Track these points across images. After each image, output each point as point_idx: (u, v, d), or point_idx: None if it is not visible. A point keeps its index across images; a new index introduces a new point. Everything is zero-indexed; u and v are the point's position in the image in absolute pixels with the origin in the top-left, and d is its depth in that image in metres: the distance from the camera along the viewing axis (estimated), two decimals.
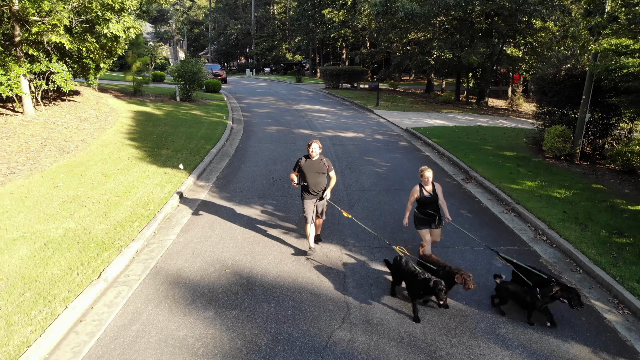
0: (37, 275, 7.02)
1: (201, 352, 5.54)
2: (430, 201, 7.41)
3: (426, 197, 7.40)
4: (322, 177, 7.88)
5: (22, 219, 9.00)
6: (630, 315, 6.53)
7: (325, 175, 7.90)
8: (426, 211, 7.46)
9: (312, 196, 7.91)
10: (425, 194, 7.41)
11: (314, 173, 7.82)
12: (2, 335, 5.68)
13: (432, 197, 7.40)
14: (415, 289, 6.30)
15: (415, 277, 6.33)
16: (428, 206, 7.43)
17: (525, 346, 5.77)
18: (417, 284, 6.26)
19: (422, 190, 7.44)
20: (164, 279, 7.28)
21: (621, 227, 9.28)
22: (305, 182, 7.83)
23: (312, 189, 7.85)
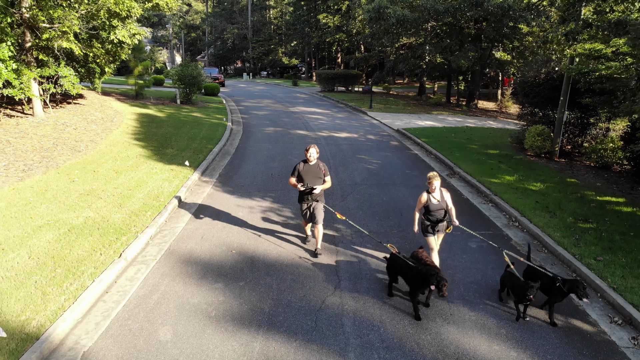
0: (65, 256, 7.96)
1: (214, 315, 6.50)
2: (438, 208, 7.34)
3: (434, 204, 7.33)
4: (319, 181, 8.17)
5: (45, 209, 9.94)
6: (590, 290, 7.52)
7: (321, 179, 8.20)
8: (434, 218, 7.40)
9: (308, 199, 8.21)
10: (434, 201, 7.33)
11: (311, 177, 8.13)
12: (40, 302, 6.61)
13: (439, 203, 7.34)
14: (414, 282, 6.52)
15: (411, 270, 6.60)
16: (435, 212, 7.37)
17: (490, 308, 6.76)
18: (414, 276, 6.51)
19: (429, 197, 7.36)
20: (177, 258, 8.23)
21: (587, 215, 10.31)
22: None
23: (309, 194, 8.14)
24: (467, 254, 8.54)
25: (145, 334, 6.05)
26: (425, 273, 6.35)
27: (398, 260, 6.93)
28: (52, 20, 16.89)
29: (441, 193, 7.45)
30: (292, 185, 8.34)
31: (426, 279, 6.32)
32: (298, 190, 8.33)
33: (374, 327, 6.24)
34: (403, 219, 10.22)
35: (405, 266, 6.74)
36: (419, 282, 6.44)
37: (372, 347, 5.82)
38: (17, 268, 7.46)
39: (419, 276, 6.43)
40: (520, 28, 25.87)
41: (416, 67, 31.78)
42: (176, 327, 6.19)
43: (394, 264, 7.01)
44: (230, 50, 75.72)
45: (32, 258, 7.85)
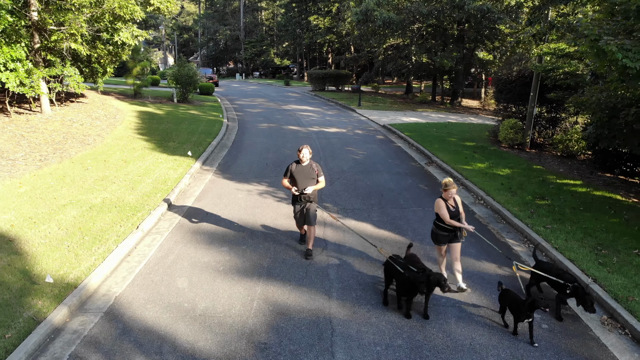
0: (90, 227, 9.26)
1: (221, 269, 7.84)
2: (453, 216, 7.06)
3: (451, 211, 7.08)
4: (313, 182, 8.05)
5: (66, 192, 11.22)
6: (541, 253, 8.94)
7: (315, 180, 8.08)
8: (446, 227, 7.12)
9: (302, 202, 8.14)
10: (451, 208, 7.10)
11: (304, 178, 8.01)
12: (74, 261, 7.90)
13: (455, 211, 7.10)
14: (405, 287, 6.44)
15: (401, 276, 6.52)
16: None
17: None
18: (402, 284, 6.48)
19: (447, 204, 7.10)
20: (187, 230, 9.56)
21: (544, 194, 11.76)
22: (297, 188, 8.07)
23: (300, 195, 8.06)
24: None
25: (166, 283, 7.38)
26: (413, 281, 6.26)
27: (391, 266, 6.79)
28: (60, 23, 18.13)
29: (455, 200, 7.21)
30: (285, 187, 8.21)
31: (414, 287, 6.25)
32: (291, 194, 8.26)
33: (354, 275, 7.62)
34: (383, 198, 11.61)
35: (395, 272, 6.67)
36: (407, 290, 6.41)
37: (350, 288, 7.20)
38: (50, 236, 8.76)
39: (407, 284, 6.36)
40: (500, 29, 27.40)
41: (403, 67, 33.25)
42: (191, 278, 7.53)
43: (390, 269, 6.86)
44: (222, 51, 76.89)
45: (61, 229, 9.14)
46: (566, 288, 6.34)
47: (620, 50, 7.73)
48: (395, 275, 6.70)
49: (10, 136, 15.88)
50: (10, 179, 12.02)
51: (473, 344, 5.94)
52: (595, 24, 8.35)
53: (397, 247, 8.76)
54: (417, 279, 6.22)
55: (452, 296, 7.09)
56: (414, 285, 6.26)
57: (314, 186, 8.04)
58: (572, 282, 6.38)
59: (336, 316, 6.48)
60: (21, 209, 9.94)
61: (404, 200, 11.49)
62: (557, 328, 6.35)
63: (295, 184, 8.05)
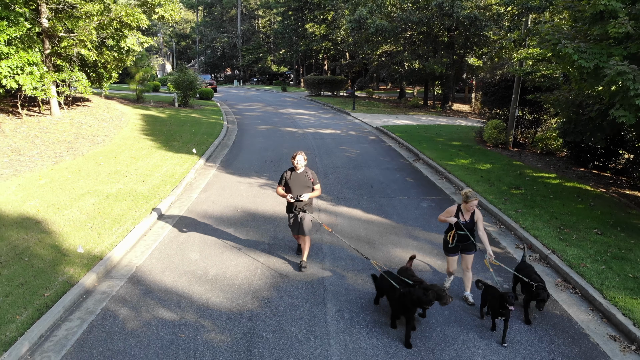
0: (108, 212, 10.32)
1: (228, 245, 8.91)
2: (464, 229, 6.85)
3: (461, 223, 6.84)
4: (308, 190, 7.82)
5: (83, 183, 12.29)
6: (505, 230, 10.06)
7: (310, 188, 7.85)
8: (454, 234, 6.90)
9: (296, 210, 7.91)
10: (461, 219, 6.85)
11: (299, 186, 7.78)
12: (97, 239, 8.95)
13: (466, 224, 6.83)
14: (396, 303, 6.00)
15: (394, 292, 6.10)
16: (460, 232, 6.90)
17: (434, 235, 9.26)
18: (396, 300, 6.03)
19: (459, 213, 6.89)
20: (195, 215, 10.64)
21: (519, 185, 12.90)
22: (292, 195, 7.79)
23: (295, 203, 7.84)
24: (419, 210, 11.06)
25: (180, 256, 8.45)
26: (411, 296, 5.78)
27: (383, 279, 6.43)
28: (69, 30, 19.24)
29: (473, 214, 6.88)
30: (279, 195, 7.96)
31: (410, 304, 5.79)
32: (286, 203, 8.02)
33: (343, 249, 8.71)
34: (373, 189, 12.73)
35: (389, 286, 6.24)
36: (400, 307, 5.94)
37: (340, 259, 8.30)
38: (73, 219, 9.82)
39: (400, 299, 5.91)
40: (487, 36, 28.69)
41: (395, 73, 34.49)
42: (202, 252, 8.60)
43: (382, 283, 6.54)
44: (220, 58, 78.14)
45: (82, 214, 10.20)
46: (531, 287, 6.38)
47: (576, 52, 8.90)
48: (388, 292, 6.21)
49: (24, 136, 16.93)
50: (29, 172, 13.08)
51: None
52: (555, 30, 9.52)
53: (383, 228, 9.86)
54: (415, 293, 5.68)
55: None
56: (414, 302, 5.69)
57: (309, 194, 7.78)
58: (538, 282, 6.44)
59: (328, 279, 7.58)
60: (44, 197, 11.00)
61: (391, 191, 12.61)
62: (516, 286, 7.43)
63: (290, 192, 7.78)
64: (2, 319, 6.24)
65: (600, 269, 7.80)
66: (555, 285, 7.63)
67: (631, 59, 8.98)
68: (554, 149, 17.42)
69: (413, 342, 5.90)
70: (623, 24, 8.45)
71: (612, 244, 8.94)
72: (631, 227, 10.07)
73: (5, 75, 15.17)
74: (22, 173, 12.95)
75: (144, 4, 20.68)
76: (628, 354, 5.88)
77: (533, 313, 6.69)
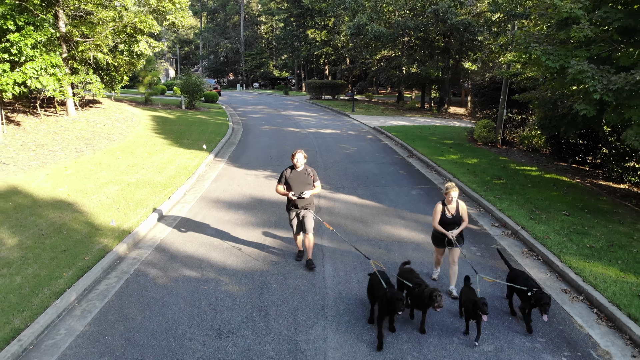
0: (131, 197, 11.57)
1: (239, 223, 10.16)
2: (451, 222, 7.04)
3: (447, 217, 7.04)
4: (309, 187, 7.82)
5: (105, 174, 13.56)
6: (484, 212, 11.30)
7: (310, 185, 7.86)
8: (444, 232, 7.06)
9: (297, 207, 7.92)
10: (447, 214, 7.04)
11: (299, 184, 7.79)
12: (124, 218, 10.19)
13: (453, 218, 7.04)
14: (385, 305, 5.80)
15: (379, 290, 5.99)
16: (447, 226, 7.05)
17: (419, 217, 10.51)
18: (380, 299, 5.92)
19: (444, 209, 7.07)
20: (209, 200, 11.90)
21: (501, 176, 14.15)
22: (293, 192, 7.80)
23: (297, 201, 7.84)
24: (408, 197, 12.32)
25: (198, 232, 9.70)
26: (390, 298, 5.70)
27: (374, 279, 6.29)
28: (85, 35, 20.58)
29: (457, 206, 7.11)
30: (280, 193, 7.98)
31: (391, 305, 5.68)
32: (286, 200, 8.07)
33: (340, 226, 9.96)
34: (368, 180, 13.98)
35: (377, 286, 6.14)
36: (384, 306, 5.78)
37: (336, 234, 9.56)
38: (101, 203, 11.08)
39: (384, 300, 5.77)
40: (482, 41, 30.02)
41: (394, 77, 35.81)
42: (217, 229, 9.85)
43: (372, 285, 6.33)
44: (223, 63, 79.65)
45: (108, 198, 11.47)
46: (528, 293, 6.16)
47: (544, 54, 10.18)
48: (376, 291, 6.14)
49: (45, 133, 18.23)
50: (55, 164, 14.37)
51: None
52: (526, 35, 10.81)
53: (376, 211, 11.12)
54: (396, 296, 5.66)
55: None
56: (392, 303, 5.66)
57: (310, 191, 7.81)
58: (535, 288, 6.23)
59: (326, 247, 8.84)
60: (72, 185, 12.28)
61: (385, 181, 13.87)
62: (486, 254, 8.67)
63: (291, 190, 7.79)
64: (51, 275, 7.49)
65: (561, 240, 9.05)
66: (522, 253, 8.88)
67: (593, 60, 10.27)
68: (538, 146, 18.67)
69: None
70: (583, 28, 9.72)
71: (577, 223, 10.19)
72: (598, 210, 11.31)
73: (30, 77, 16.44)
74: (48, 165, 14.24)
75: (155, 11, 22.03)
76: (575, 303, 7.11)
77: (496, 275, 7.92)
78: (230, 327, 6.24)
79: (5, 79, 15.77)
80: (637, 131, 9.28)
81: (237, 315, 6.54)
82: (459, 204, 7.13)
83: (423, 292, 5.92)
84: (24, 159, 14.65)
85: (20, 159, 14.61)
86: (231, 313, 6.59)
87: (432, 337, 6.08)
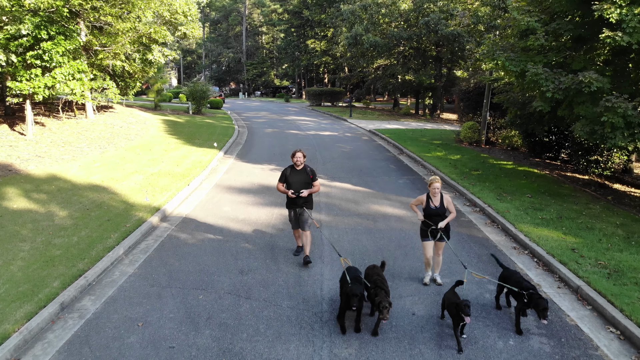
0: (156, 184, 13.41)
1: (251, 203, 12.01)
2: (435, 214, 7.17)
3: (432, 209, 7.17)
4: (308, 186, 8.10)
5: (129, 166, 15.42)
6: (459, 195, 13.15)
7: (309, 185, 8.12)
8: (430, 223, 7.21)
9: (296, 205, 8.23)
10: (432, 205, 7.17)
11: (299, 183, 8.06)
12: (152, 198, 12.02)
13: (437, 209, 7.17)
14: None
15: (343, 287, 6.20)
16: (432, 218, 7.18)
17: (404, 200, 12.35)
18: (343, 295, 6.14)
19: (429, 201, 7.19)
20: (223, 187, 13.74)
21: (479, 168, 16.01)
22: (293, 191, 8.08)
23: (295, 199, 8.14)
24: (395, 185, 14.17)
25: (216, 209, 11.54)
26: (346, 293, 5.98)
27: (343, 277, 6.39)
28: (103, 45, 22.53)
29: (442, 198, 7.26)
30: (280, 191, 8.32)
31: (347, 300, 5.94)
32: (286, 198, 8.34)
33: (336, 206, 11.80)
34: (361, 172, 15.85)
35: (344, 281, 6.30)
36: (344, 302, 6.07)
37: (333, 209, 11.40)
38: (130, 187, 12.93)
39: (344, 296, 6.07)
40: (471, 50, 32.03)
41: (389, 84, 37.84)
42: (231, 207, 11.70)
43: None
44: (225, 72, 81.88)
45: (136, 184, 13.32)
46: (523, 296, 6.09)
47: (507, 60, 12.09)
48: (343, 286, 6.29)
49: (69, 133, 20.13)
50: (84, 158, 16.24)
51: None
52: (493, 44, 12.73)
53: (366, 194, 12.97)
54: (352, 291, 5.87)
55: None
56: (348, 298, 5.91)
57: (309, 189, 8.12)
58: (529, 289, 6.14)
59: (324, 219, 10.69)
60: (103, 174, 14.14)
61: (376, 173, 15.73)
62: (456, 224, 10.50)
63: (291, 188, 8.09)
64: (101, 236, 9.31)
65: (519, 214, 10.90)
66: (485, 224, 10.72)
67: (551, 65, 12.17)
68: (517, 145, 20.56)
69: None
70: (539, 38, 11.64)
71: (536, 202, 12.03)
72: (558, 194, 13.15)
73: (59, 81, 18.34)
74: (78, 158, 16.12)
75: (168, 23, 24.02)
76: (521, 255, 8.93)
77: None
78: (249, 268, 8.08)
79: (37, 83, 17.66)
80: (584, 123, 11.15)
81: (254, 261, 8.39)
82: (442, 196, 7.29)
83: (376, 296, 5.97)
84: (56, 153, 16.53)
85: (52, 153, 16.49)
86: (249, 260, 8.44)
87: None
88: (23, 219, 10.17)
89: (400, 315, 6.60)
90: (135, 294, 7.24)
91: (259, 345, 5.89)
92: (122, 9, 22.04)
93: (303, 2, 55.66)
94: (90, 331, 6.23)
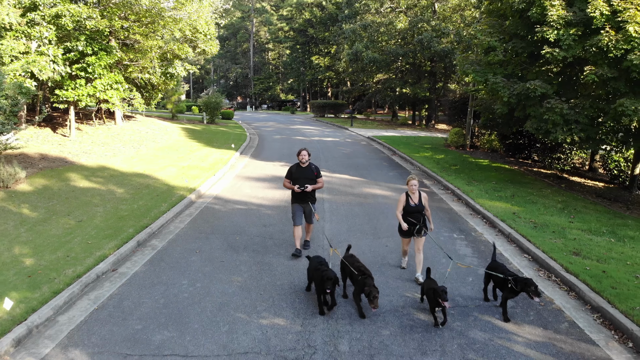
0: (188, 174, 16.30)
1: (266, 187, 14.87)
2: (414, 210, 7.56)
3: (411, 206, 7.57)
4: (312, 182, 8.64)
5: (163, 161, 18.36)
6: (437, 182, 15.98)
7: (313, 181, 8.65)
8: (409, 220, 7.59)
9: (301, 201, 8.75)
10: (411, 203, 7.59)
11: (304, 179, 8.61)
12: (190, 183, 14.90)
13: (416, 206, 7.57)
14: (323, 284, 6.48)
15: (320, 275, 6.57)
16: (411, 215, 7.57)
17: (393, 185, 15.19)
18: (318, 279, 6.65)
19: (408, 199, 7.62)
20: (242, 177, 16.63)
21: (457, 164, 18.86)
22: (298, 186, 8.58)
23: (300, 194, 8.69)
24: (386, 176, 17.03)
25: (239, 191, 14.40)
26: (321, 277, 6.49)
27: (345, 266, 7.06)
28: (131, 60, 25.63)
29: (419, 196, 7.68)
30: (286, 187, 8.94)
31: (321, 283, 6.48)
32: (291, 194, 8.95)
33: (336, 185, 14.66)
34: (358, 167, 18.72)
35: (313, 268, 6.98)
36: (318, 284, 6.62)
37: (333, 191, 14.25)
38: (168, 175, 15.83)
39: (318, 279, 6.59)
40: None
41: (388, 97, 40.89)
42: (251, 190, 14.57)
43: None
44: (233, 86, 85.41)
45: (172, 174, 16.22)
46: (509, 282, 6.33)
47: (474, 72, 15.03)
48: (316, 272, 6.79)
49: (104, 136, 23.13)
50: (123, 155, 19.20)
51: None
52: (463, 59, 15.67)
53: (361, 182, 15.82)
54: (325, 275, 6.43)
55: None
56: (322, 281, 6.44)
57: (313, 185, 8.64)
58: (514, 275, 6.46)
59: (326, 198, 13.54)
60: (143, 166, 17.07)
61: (370, 168, 18.60)
62: (432, 200, 13.30)
63: (296, 184, 8.66)
64: (154, 205, 12.16)
65: (480, 193, 13.72)
66: (452, 200, 13.55)
67: (511, 76, 15.08)
68: (497, 147, 23.42)
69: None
70: (498, 54, 14.59)
71: (498, 187, 14.86)
72: (519, 182, 15.96)
73: (99, 90, 21.39)
74: (118, 155, 19.08)
75: (188, 40, 27.15)
76: (475, 218, 11.74)
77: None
78: (270, 223, 10.96)
79: (82, 91, 20.72)
80: (533, 121, 14.02)
81: (273, 220, 11.26)
82: (421, 193, 7.74)
83: (364, 283, 6.38)
84: (98, 151, 19.51)
85: (95, 150, 19.47)
86: (270, 219, 11.31)
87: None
88: (91, 193, 13.09)
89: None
90: (189, 237, 10.10)
91: (281, 258, 8.76)
92: (149, 28, 25.20)
93: (308, 21, 59.16)
94: (163, 255, 9.09)
